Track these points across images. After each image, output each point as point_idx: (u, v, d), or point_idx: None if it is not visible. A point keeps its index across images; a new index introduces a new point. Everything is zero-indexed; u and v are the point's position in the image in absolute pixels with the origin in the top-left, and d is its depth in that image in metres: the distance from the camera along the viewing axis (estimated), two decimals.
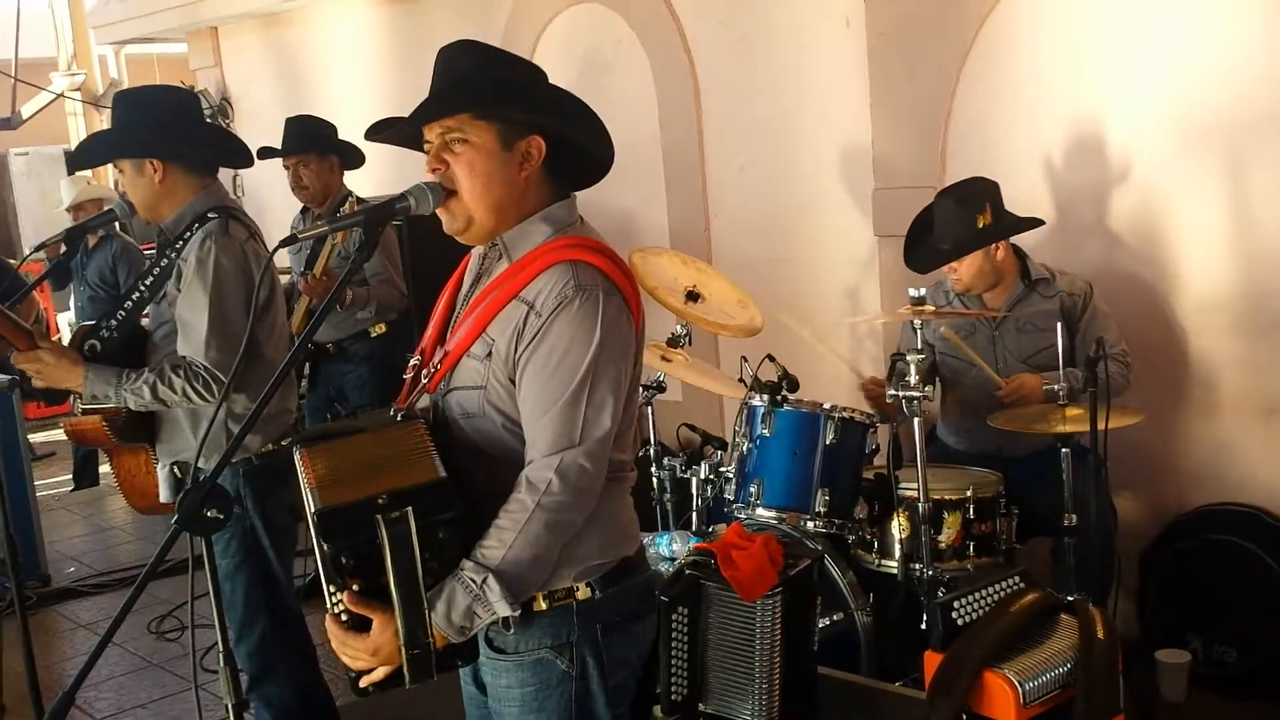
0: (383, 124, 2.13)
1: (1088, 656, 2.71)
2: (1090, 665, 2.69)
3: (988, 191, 3.84)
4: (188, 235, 3.12)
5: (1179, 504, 4.05)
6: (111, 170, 3.49)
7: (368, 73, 7.02)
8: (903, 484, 3.55)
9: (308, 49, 7.55)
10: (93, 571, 5.95)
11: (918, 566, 3.48)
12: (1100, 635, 2.75)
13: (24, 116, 11.27)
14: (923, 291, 3.55)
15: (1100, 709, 2.66)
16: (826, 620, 3.41)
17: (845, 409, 3.58)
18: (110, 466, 3.54)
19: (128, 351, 3.17)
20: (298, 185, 5.09)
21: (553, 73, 2.15)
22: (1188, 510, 4.01)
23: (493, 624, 1.95)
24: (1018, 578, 2.93)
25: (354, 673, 1.95)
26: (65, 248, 3.39)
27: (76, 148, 5.07)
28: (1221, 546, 3.86)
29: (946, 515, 3.53)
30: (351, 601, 1.87)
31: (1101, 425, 3.31)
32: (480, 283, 2.10)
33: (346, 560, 1.85)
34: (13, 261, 8.10)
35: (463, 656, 1.98)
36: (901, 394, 3.43)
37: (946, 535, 3.53)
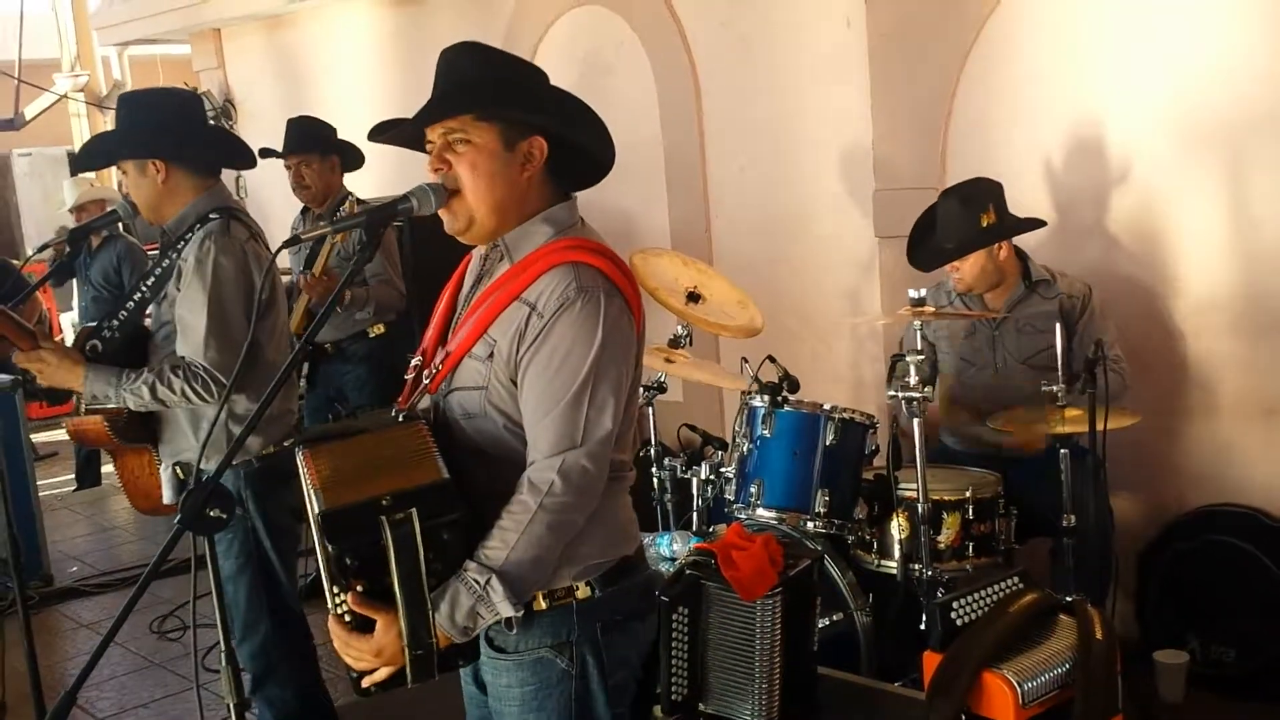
0: (386, 125, 2.14)
1: (1086, 657, 2.71)
2: (1089, 666, 2.70)
3: (991, 192, 3.85)
4: (190, 236, 3.12)
5: (1178, 504, 4.05)
6: (115, 171, 3.49)
7: (370, 74, 7.02)
8: (902, 484, 3.55)
9: (310, 51, 7.56)
10: (95, 571, 5.95)
11: (917, 567, 3.49)
12: (1099, 636, 2.75)
13: (27, 117, 11.26)
14: (923, 292, 3.56)
15: (1099, 709, 2.67)
16: (826, 620, 3.42)
17: (845, 410, 3.59)
18: (114, 467, 3.54)
19: (129, 352, 3.17)
20: (299, 185, 5.10)
21: (554, 74, 2.16)
22: (1186, 511, 4.01)
23: (494, 623, 1.96)
24: (1017, 578, 2.94)
25: (356, 673, 1.96)
26: (69, 248, 3.40)
27: (80, 149, 5.07)
28: (1220, 547, 3.87)
29: (946, 516, 3.54)
30: (356, 602, 1.88)
31: (1100, 426, 3.31)
32: (481, 283, 2.10)
33: (351, 561, 1.85)
34: (16, 262, 8.12)
35: (465, 656, 1.99)
36: (901, 394, 3.44)
37: (946, 536, 3.54)
